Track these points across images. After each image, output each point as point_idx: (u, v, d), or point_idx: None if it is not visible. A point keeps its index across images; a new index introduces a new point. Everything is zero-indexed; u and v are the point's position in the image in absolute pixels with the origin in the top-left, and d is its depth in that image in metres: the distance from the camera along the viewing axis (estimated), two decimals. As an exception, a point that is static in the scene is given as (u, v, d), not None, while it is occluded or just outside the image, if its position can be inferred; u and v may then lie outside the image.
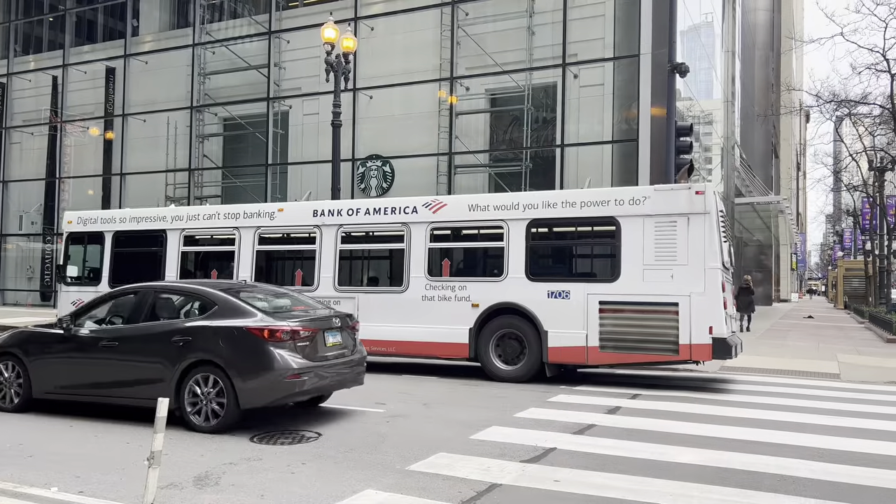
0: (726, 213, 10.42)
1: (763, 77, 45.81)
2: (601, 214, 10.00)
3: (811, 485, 5.16)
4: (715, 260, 9.36)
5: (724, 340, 9.27)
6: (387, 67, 21.59)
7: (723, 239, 9.83)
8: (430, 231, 11.09)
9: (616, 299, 9.72)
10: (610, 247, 10.00)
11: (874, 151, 32.93)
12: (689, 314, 9.29)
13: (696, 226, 9.39)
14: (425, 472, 5.35)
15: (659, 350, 9.54)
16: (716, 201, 9.68)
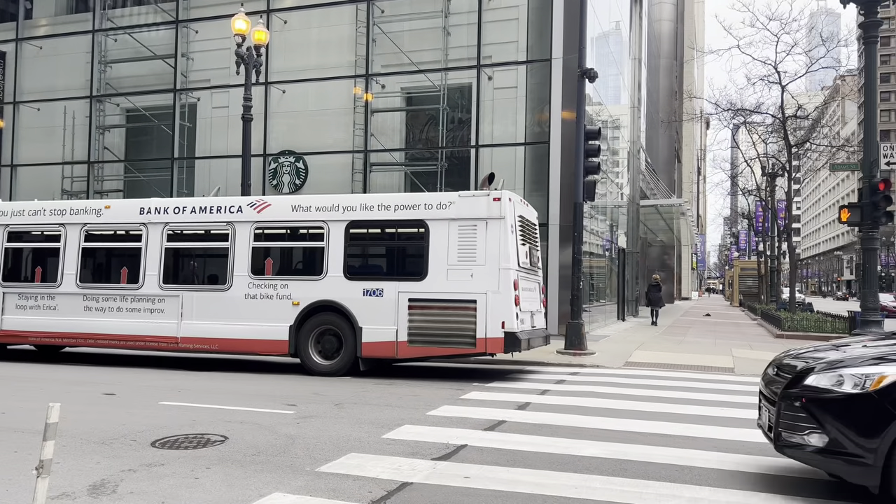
0: (527, 218, 11.47)
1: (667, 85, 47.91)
2: (412, 217, 10.69)
3: (706, 473, 5.44)
4: (508, 261, 10.13)
5: (514, 335, 10.05)
6: (301, 62, 21.21)
7: (520, 242, 10.64)
8: (253, 230, 11.44)
9: (423, 297, 10.40)
10: (419, 248, 10.65)
11: (767, 158, 35.07)
12: (485, 310, 10.07)
13: (493, 230, 10.22)
14: (336, 473, 5.30)
15: (459, 343, 10.24)
16: (513, 208, 10.50)
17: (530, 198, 19.06)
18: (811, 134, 31.70)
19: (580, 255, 14.75)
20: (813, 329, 20.48)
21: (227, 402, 8.43)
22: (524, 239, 10.98)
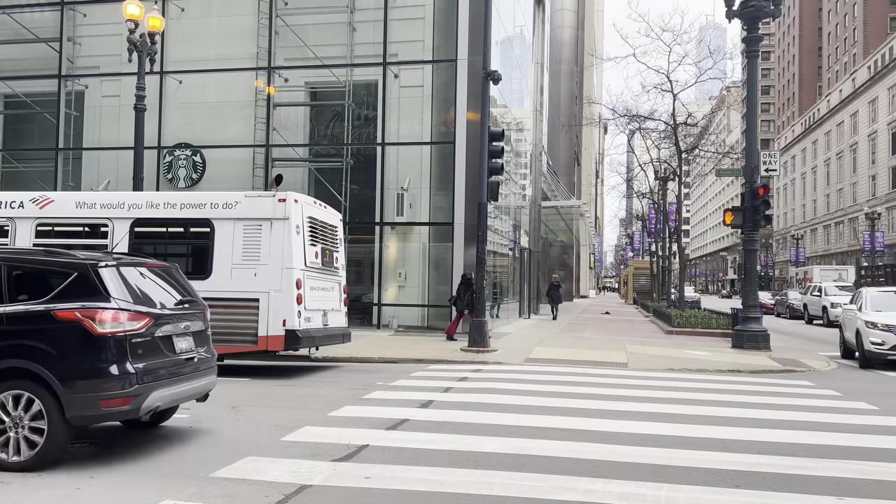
0: (322, 220, 11.68)
1: (568, 90, 49.41)
2: (198, 216, 10.74)
3: (600, 465, 5.63)
4: (292, 261, 10.35)
5: (295, 333, 10.30)
6: (199, 52, 20.41)
7: (309, 242, 10.87)
8: (35, 227, 11.20)
9: (207, 295, 10.28)
10: (205, 246, 10.72)
11: (659, 163, 36.84)
12: (267, 309, 10.26)
13: (278, 230, 10.40)
14: (231, 478, 5.11)
15: (242, 342, 10.36)
16: (301, 209, 10.72)
17: (436, 197, 19.23)
18: (700, 141, 33.59)
19: (484, 255, 14.96)
20: (700, 325, 21.66)
21: (115, 406, 7.97)
22: (315, 240, 11.14)
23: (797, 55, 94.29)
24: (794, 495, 4.90)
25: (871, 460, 5.93)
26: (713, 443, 6.50)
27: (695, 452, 6.08)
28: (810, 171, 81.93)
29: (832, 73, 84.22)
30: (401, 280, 19.36)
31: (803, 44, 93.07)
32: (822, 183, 77.97)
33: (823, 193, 77.23)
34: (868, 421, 7.82)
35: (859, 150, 66.85)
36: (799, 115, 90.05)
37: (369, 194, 19.52)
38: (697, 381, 10.96)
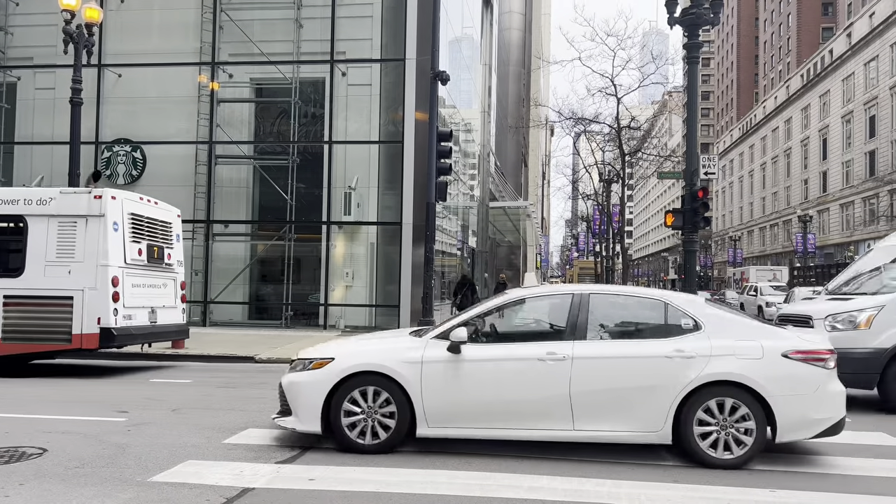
0: (149, 216, 11.63)
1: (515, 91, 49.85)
2: (10, 213, 10.55)
3: (544, 463, 5.70)
4: (108, 258, 10.32)
5: (110, 331, 10.29)
6: (140, 45, 19.84)
7: (131, 239, 10.87)
8: None
9: (19, 293, 10.38)
10: (18, 243, 10.54)
11: (603, 165, 37.56)
12: (82, 307, 10.20)
13: (93, 227, 10.36)
14: (170, 483, 4.98)
15: (55, 340, 10.30)
16: (121, 206, 10.68)
17: (384, 196, 19.14)
18: (642, 144, 34.40)
19: (432, 254, 14.97)
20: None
21: (48, 410, 7.68)
22: (139, 236, 11.07)
23: (735, 62, 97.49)
24: (732, 488, 5.06)
25: (805, 453, 6.16)
26: (654, 439, 6.64)
27: (639, 449, 6.21)
28: (747, 174, 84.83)
29: (768, 80, 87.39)
30: (348, 280, 19.21)
31: (741, 51, 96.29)
32: (758, 186, 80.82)
33: (760, 196, 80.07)
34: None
35: (793, 155, 69.56)
36: (737, 120, 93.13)
37: (316, 193, 19.31)
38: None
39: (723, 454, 5.58)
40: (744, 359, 5.62)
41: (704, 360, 5.64)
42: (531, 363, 5.78)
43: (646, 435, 5.67)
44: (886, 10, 51.33)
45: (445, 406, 5.85)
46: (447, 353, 5.89)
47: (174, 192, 19.53)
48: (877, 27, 52.27)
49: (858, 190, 54.42)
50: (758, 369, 5.58)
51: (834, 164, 59.78)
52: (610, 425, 5.71)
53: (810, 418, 5.59)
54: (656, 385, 5.64)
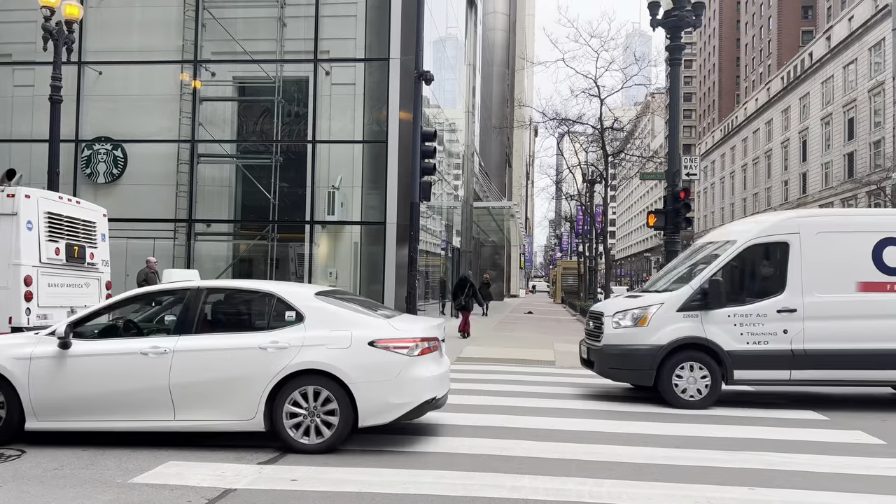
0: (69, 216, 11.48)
1: (500, 92, 50.03)
2: None
3: (527, 462, 5.73)
4: (20, 257, 10.26)
5: (20, 329, 10.19)
6: (121, 43, 19.64)
7: (48, 238, 10.80)
8: None
9: None
10: None
11: (587, 165, 37.71)
12: None
13: (5, 226, 10.28)
14: (151, 484, 4.95)
15: None
16: (36, 204, 10.60)
17: (368, 196, 19.10)
18: (625, 145, 34.59)
19: (416, 254, 14.95)
20: (624, 324, 22.30)
21: (26, 412, 7.58)
22: (57, 235, 10.99)
23: (717, 64, 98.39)
24: (710, 486, 5.12)
25: (779, 452, 6.25)
26: (636, 438, 6.71)
27: (618, 447, 6.27)
28: (729, 175, 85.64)
29: (749, 82, 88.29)
30: (332, 279, 19.15)
31: (723, 54, 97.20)
32: (739, 187, 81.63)
33: (741, 197, 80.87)
34: (778, 414, 8.23)
35: (773, 156, 70.33)
36: (718, 121, 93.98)
37: (299, 192, 19.24)
38: (621, 378, 11.28)
39: (313, 439, 5.90)
40: (333, 348, 5.95)
41: (296, 350, 5.93)
42: (135, 357, 6.02)
43: (241, 423, 5.93)
44: (865, 14, 52.07)
45: (54, 400, 6.06)
46: (57, 349, 6.10)
47: (156, 191, 19.41)
48: (855, 31, 53.00)
49: (837, 191, 55.14)
50: (344, 358, 5.91)
51: (813, 165, 60.53)
52: (208, 415, 5.94)
53: (390, 403, 5.91)
54: (250, 375, 5.90)
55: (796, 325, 8.46)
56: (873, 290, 8.51)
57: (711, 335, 8.51)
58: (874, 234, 8.63)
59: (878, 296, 8.50)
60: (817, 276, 8.58)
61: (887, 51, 48.69)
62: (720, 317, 8.55)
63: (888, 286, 8.51)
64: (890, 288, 8.50)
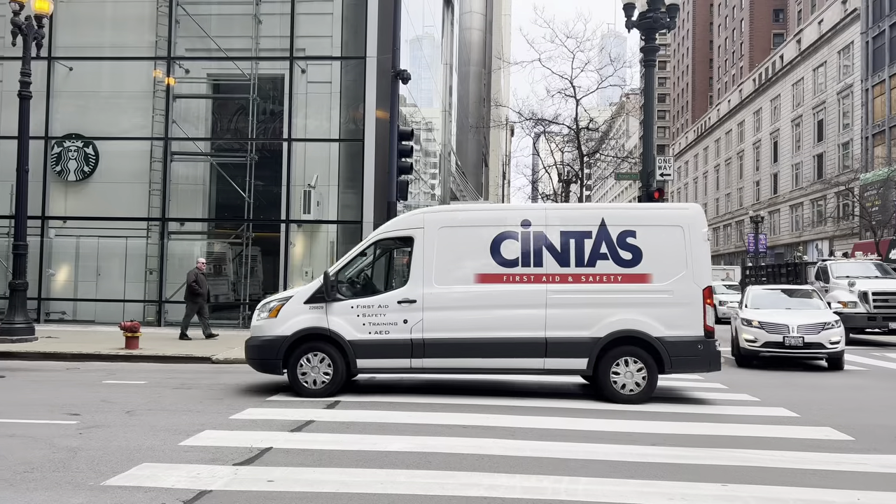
0: None
1: (476, 91, 50.06)
2: None
3: (504, 460, 5.76)
4: None
5: None
6: (93, 38, 19.35)
7: None
8: None
9: None
10: None
11: (563, 165, 37.94)
12: None
13: None
14: (124, 486, 4.88)
15: None
16: None
17: (344, 195, 19.02)
18: (601, 145, 34.88)
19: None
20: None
21: (-5, 414, 7.45)
22: None
23: (691, 66, 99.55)
24: (683, 483, 5.18)
25: (752, 448, 6.35)
26: (610, 436, 6.77)
27: (594, 445, 6.32)
28: (702, 175, 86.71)
29: (722, 84, 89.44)
30: (307, 279, 19.03)
31: (696, 55, 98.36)
32: (712, 187, 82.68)
33: (713, 197, 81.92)
34: (750, 412, 8.37)
35: (745, 157, 71.35)
36: (692, 122, 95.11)
37: (275, 191, 19.09)
38: (597, 376, 11.36)
39: None
40: None
41: None
42: None
43: None
44: (834, 18, 53.04)
45: None
46: None
47: (128, 189, 19.14)
48: (825, 34, 53.97)
49: (807, 192, 56.11)
50: None
51: (784, 166, 61.53)
52: None
53: None
54: None
55: (416, 315, 8.72)
56: (491, 282, 8.81)
57: (334, 325, 8.78)
58: (493, 227, 8.97)
59: (495, 287, 8.79)
60: (438, 269, 8.86)
61: (856, 54, 49.66)
62: (344, 308, 8.85)
63: (505, 277, 8.81)
64: (507, 279, 8.80)
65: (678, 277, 8.72)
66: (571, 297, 8.70)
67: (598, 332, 8.62)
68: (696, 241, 8.84)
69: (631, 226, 8.87)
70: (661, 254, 8.78)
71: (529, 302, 8.70)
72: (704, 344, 8.67)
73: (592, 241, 8.80)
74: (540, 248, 8.83)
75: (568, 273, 8.77)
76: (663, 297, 8.68)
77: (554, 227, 8.90)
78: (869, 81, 47.59)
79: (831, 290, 19.21)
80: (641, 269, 8.75)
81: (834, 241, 50.84)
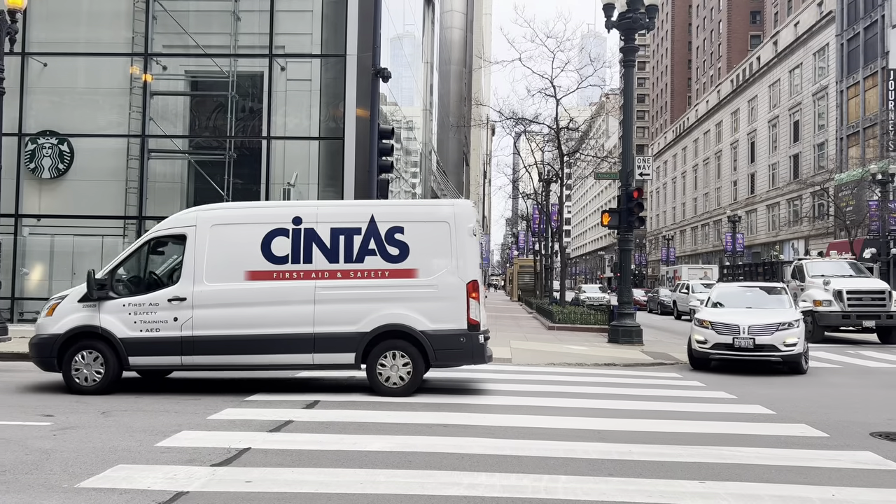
0: None
1: (457, 90, 50.11)
2: None
3: (484, 459, 5.76)
4: None
5: None
6: (68, 34, 19.05)
7: None
8: None
9: None
10: None
11: (543, 165, 38.07)
12: None
13: None
14: (99, 489, 4.81)
15: None
16: None
17: (325, 193, 18.92)
18: (580, 145, 35.02)
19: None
20: (579, 321, 22.60)
21: (-34, 416, 7.30)
22: None
23: (670, 66, 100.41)
24: (662, 481, 5.22)
25: (730, 445, 6.41)
26: (590, 434, 6.80)
27: (573, 444, 6.34)
28: (680, 175, 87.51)
29: (700, 84, 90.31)
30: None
31: (675, 56, 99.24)
32: (690, 187, 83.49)
33: (692, 197, 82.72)
34: (728, 409, 8.45)
35: (723, 157, 72.14)
36: (671, 122, 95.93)
37: (254, 189, 18.94)
38: (576, 374, 11.43)
39: None
40: None
41: None
42: None
43: None
44: (810, 20, 53.78)
45: None
46: None
47: (104, 187, 18.88)
48: (801, 36, 54.71)
49: (783, 192, 56.87)
50: None
51: (761, 166, 62.30)
52: None
53: None
54: None
55: (186, 313, 8.81)
56: (260, 279, 8.91)
57: (106, 323, 8.80)
58: (265, 225, 9.04)
59: (265, 284, 8.89)
60: (210, 267, 8.94)
61: (831, 56, 50.40)
62: (116, 306, 8.88)
63: (275, 274, 8.92)
64: (276, 276, 8.92)
65: (443, 272, 8.87)
66: (340, 292, 8.82)
67: (364, 327, 8.75)
68: (462, 237, 8.96)
69: (399, 222, 8.99)
70: (427, 249, 8.93)
71: (298, 298, 8.80)
72: (467, 337, 8.80)
73: (361, 238, 8.92)
74: (310, 245, 8.91)
75: (337, 269, 8.88)
76: (428, 292, 8.82)
77: (325, 223, 8.99)
78: (844, 83, 48.35)
79: (807, 289, 19.49)
80: (408, 264, 8.88)
81: (809, 240, 51.59)
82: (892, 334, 18.55)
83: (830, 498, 4.87)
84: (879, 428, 7.33)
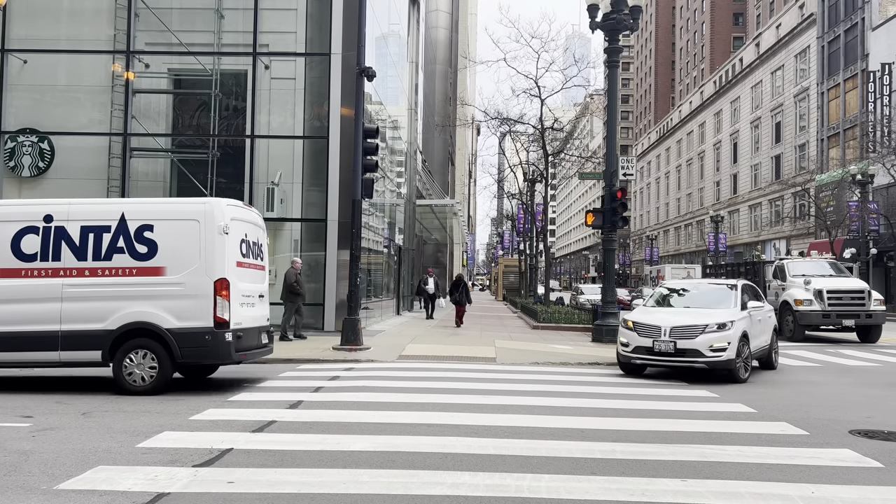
0: None
1: (442, 90, 50.06)
2: None
3: (467, 458, 5.76)
4: None
5: None
6: (48, 31, 18.82)
7: None
8: None
9: None
10: None
11: (528, 165, 38.18)
12: None
13: None
14: (79, 490, 4.76)
15: None
16: None
17: (309, 193, 18.84)
18: (565, 145, 35.19)
19: (358, 252, 14.85)
20: (563, 321, 22.69)
21: (-57, 417, 7.20)
22: None
23: (653, 67, 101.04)
24: (645, 479, 5.25)
25: (712, 444, 6.46)
26: (573, 433, 6.83)
27: (557, 443, 6.36)
28: (664, 176, 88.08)
29: (684, 85, 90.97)
30: (271, 278, 18.78)
31: (658, 57, 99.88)
32: (673, 187, 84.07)
33: (675, 197, 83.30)
34: (710, 407, 8.52)
35: (706, 157, 72.70)
36: (654, 123, 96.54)
37: (237, 188, 18.81)
38: (560, 373, 11.47)
39: None
40: None
41: None
42: None
43: None
44: (791, 23, 54.34)
45: None
46: None
47: (86, 186, 18.65)
48: (783, 38, 55.26)
49: (765, 192, 57.41)
50: None
51: (743, 167, 62.86)
52: None
53: None
54: None
55: None
56: (8, 277, 8.96)
57: None
58: (16, 223, 9.10)
59: (12, 281, 8.94)
60: None
61: (812, 58, 50.95)
62: None
63: (23, 272, 8.98)
64: (24, 273, 8.98)
65: (191, 270, 8.93)
66: (87, 290, 8.88)
67: (111, 325, 8.81)
68: (211, 235, 9.01)
69: (149, 220, 9.05)
70: (175, 247, 8.98)
71: (45, 296, 8.86)
72: (213, 335, 8.87)
73: (111, 236, 8.97)
74: (59, 243, 8.97)
75: (85, 267, 8.95)
76: (175, 290, 8.89)
77: (75, 221, 9.04)
78: (824, 85, 48.90)
79: (788, 289, 19.69)
80: (156, 262, 8.95)
81: (791, 240, 52.13)
82: (872, 333, 18.79)
83: (810, 495, 4.92)
84: (858, 426, 7.42)
